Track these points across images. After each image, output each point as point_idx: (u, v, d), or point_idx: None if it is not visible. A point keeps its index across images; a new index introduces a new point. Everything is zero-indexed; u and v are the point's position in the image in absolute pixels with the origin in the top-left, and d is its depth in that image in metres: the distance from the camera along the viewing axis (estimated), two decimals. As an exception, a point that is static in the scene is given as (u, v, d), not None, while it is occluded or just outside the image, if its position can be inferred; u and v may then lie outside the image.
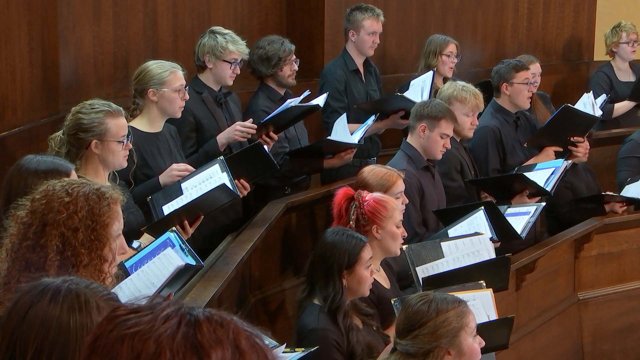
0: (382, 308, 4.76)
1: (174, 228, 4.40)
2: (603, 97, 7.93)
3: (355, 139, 6.34)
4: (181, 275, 4.04)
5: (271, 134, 5.97)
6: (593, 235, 6.87)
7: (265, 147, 5.57)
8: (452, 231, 5.43)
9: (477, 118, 6.59)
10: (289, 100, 6.14)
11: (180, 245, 4.22)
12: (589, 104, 7.16)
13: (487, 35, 9.21)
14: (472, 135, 6.58)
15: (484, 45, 9.19)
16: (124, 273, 3.87)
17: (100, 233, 3.08)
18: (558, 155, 6.92)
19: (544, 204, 6.13)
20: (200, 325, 1.54)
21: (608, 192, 7.15)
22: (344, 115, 6.44)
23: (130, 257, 4.19)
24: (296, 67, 6.56)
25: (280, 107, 6.07)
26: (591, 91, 7.56)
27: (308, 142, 6.65)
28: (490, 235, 5.30)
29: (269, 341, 3.93)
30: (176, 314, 1.55)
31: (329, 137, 6.33)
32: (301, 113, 6.16)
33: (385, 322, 4.74)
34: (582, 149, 6.96)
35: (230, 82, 6.13)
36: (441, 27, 8.71)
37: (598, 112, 7.16)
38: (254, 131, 5.82)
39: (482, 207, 5.49)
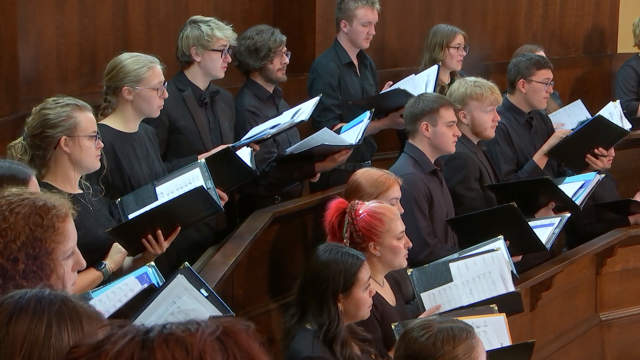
0: (385, 326, 4.73)
1: (152, 263, 4.33)
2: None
3: (350, 139, 6.32)
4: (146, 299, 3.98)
5: (252, 144, 5.95)
6: (617, 248, 6.89)
7: (244, 152, 5.55)
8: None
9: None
10: (272, 121, 6.06)
11: (158, 283, 4.15)
12: (616, 114, 7.18)
13: (497, 24, 9.23)
14: (494, 135, 6.58)
15: (494, 36, 9.21)
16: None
17: (44, 262, 2.96)
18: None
19: (568, 214, 6.15)
20: (154, 353, 1.52)
21: (636, 198, 7.16)
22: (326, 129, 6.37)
23: (98, 288, 4.16)
24: (287, 60, 6.55)
25: (259, 132, 6.01)
26: (618, 100, 7.57)
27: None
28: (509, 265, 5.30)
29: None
30: (130, 343, 1.54)
31: (323, 142, 6.28)
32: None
33: (389, 342, 4.72)
34: (601, 162, 6.96)
35: (222, 74, 6.12)
36: (446, 15, 8.73)
37: (627, 125, 7.20)
38: None
39: (502, 237, 5.46)
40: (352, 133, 6.33)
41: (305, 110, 6.16)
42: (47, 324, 2.17)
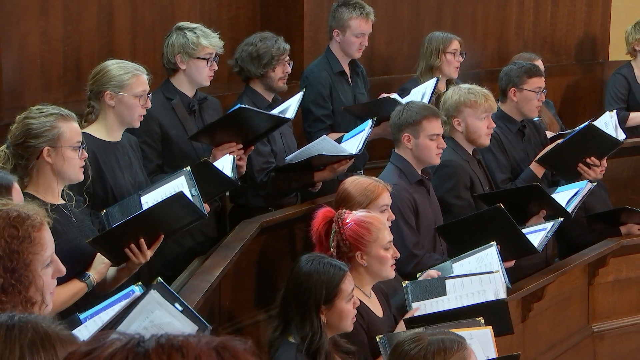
0: (371, 337, 4.72)
1: (139, 283, 4.33)
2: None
3: (351, 148, 6.31)
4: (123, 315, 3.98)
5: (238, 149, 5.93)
6: (609, 258, 6.89)
7: (226, 160, 5.55)
8: (458, 266, 5.44)
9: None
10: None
11: None
12: (611, 124, 7.18)
13: (488, 32, 9.25)
14: (489, 142, 6.57)
15: (485, 44, 9.23)
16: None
17: (23, 274, 2.95)
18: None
19: (561, 219, 6.16)
20: (149, 356, 1.53)
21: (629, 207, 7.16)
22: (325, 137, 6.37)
23: (86, 310, 4.16)
24: (289, 70, 6.53)
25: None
26: (614, 110, 7.58)
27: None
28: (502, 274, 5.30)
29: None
30: (122, 349, 1.54)
31: (321, 152, 6.27)
32: (272, 127, 6.13)
33: (375, 353, 4.70)
34: (594, 172, 6.95)
35: (208, 82, 6.11)
36: (436, 22, 8.74)
37: (621, 135, 7.20)
38: None
39: (495, 243, 5.50)
40: (353, 143, 6.31)
41: (290, 107, 6.15)
42: (19, 356, 2.14)
